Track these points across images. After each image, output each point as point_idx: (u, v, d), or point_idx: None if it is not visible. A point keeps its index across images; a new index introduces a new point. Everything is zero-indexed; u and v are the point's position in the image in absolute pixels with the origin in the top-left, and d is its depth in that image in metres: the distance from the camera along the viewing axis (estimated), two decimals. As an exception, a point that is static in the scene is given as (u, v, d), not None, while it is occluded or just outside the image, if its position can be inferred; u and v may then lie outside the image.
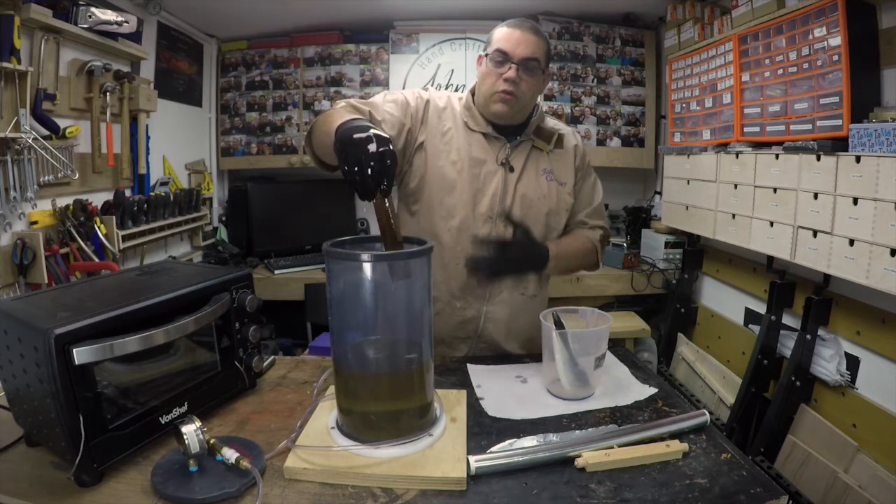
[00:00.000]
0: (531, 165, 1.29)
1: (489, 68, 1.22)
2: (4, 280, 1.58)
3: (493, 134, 1.27)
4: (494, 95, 1.21)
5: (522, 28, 1.21)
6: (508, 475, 0.80)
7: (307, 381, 1.14)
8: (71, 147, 1.80)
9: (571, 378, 1.04)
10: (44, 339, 0.71)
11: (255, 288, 1.07)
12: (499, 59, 1.20)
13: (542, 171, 1.30)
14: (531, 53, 1.19)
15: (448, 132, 1.27)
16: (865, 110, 1.52)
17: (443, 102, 1.30)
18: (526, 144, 1.30)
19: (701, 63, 2.24)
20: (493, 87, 1.21)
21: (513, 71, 1.18)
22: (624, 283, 2.64)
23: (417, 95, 1.28)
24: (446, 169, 1.24)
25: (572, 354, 1.02)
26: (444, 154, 1.25)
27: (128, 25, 1.96)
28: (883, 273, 1.38)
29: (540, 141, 1.30)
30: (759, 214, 1.88)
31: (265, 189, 2.97)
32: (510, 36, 1.20)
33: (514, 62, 1.19)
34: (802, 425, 1.75)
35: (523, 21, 1.23)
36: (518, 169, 1.27)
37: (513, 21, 1.23)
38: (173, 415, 0.89)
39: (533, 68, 1.21)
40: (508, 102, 1.22)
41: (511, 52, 1.19)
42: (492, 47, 1.22)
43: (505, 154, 1.27)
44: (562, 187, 1.31)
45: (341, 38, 2.98)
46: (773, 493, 0.76)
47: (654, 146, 2.97)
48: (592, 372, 1.05)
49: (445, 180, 1.24)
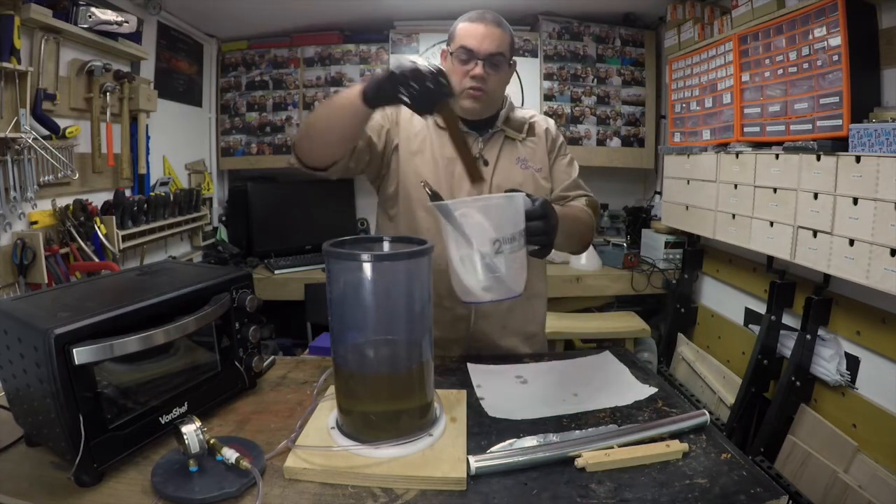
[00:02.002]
0: (505, 156, 1.28)
1: (455, 66, 1.20)
2: (4, 280, 1.58)
3: (464, 129, 1.25)
4: (463, 93, 1.20)
5: (485, 22, 1.19)
6: (508, 475, 0.80)
7: (307, 381, 1.14)
8: (71, 147, 1.80)
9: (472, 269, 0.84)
10: (44, 339, 0.71)
11: (255, 288, 1.07)
12: (464, 56, 1.18)
13: (517, 161, 1.29)
14: (497, 48, 1.18)
15: (419, 133, 1.26)
16: (865, 110, 1.52)
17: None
18: (498, 136, 1.29)
19: (701, 63, 2.24)
20: (460, 84, 1.19)
21: (479, 68, 1.17)
22: (624, 283, 2.64)
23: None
24: (421, 169, 1.24)
25: (460, 236, 0.85)
26: (417, 155, 1.25)
27: (128, 25, 1.96)
28: (883, 273, 1.38)
29: (511, 131, 1.29)
30: (759, 214, 1.88)
31: (265, 189, 2.97)
32: (474, 31, 1.18)
33: (480, 58, 1.17)
34: (802, 425, 1.75)
35: (485, 13, 1.21)
36: (492, 161, 1.27)
37: (474, 14, 1.21)
38: (173, 415, 0.89)
39: (499, 63, 1.20)
40: (478, 99, 1.21)
41: (476, 48, 1.17)
42: (455, 44, 1.20)
43: (478, 148, 1.26)
44: (538, 174, 1.30)
45: (341, 38, 2.98)
46: (773, 493, 0.76)
47: (654, 146, 2.97)
48: (496, 258, 0.85)
49: (414, 177, 1.23)
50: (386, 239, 0.97)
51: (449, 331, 1.29)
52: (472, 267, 0.85)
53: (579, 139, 2.93)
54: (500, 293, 0.87)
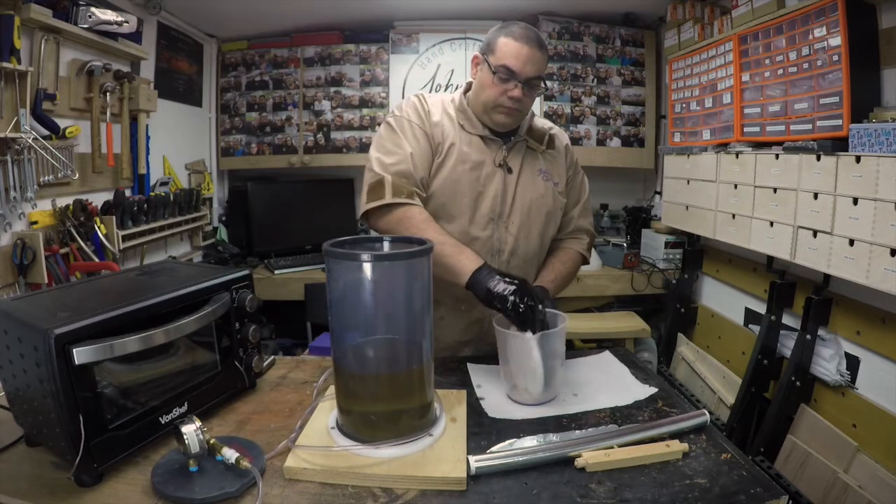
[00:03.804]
0: (527, 166, 1.29)
1: (493, 82, 1.19)
2: (4, 280, 1.58)
3: (490, 136, 1.27)
4: (498, 108, 1.21)
5: (530, 45, 1.17)
6: (508, 475, 0.80)
7: (307, 381, 1.14)
8: (71, 147, 1.80)
9: (542, 382, 1.00)
10: (44, 339, 0.71)
11: (255, 288, 1.07)
12: (505, 76, 1.18)
13: (539, 172, 1.30)
14: (537, 72, 1.19)
15: (447, 137, 1.26)
16: (865, 110, 1.52)
17: (437, 107, 1.28)
18: (521, 145, 1.30)
19: (701, 63, 2.24)
20: (496, 100, 1.20)
21: (518, 91, 1.18)
22: (624, 283, 2.64)
23: (417, 107, 1.27)
24: (449, 173, 1.24)
25: (544, 357, 0.99)
26: (446, 159, 1.25)
27: (128, 25, 1.96)
28: (883, 273, 1.38)
29: (533, 142, 1.31)
30: (759, 214, 1.88)
31: (265, 189, 2.97)
32: (518, 52, 1.16)
33: (520, 81, 1.17)
34: (802, 425, 1.75)
35: (529, 33, 1.19)
36: (516, 170, 1.27)
37: (520, 33, 1.18)
38: (173, 415, 0.89)
39: (537, 86, 1.21)
40: (512, 115, 1.22)
41: (519, 71, 1.17)
42: (497, 61, 1.18)
43: (502, 155, 1.27)
44: (555, 187, 1.32)
45: (341, 38, 2.98)
46: (773, 493, 0.76)
47: (654, 146, 2.97)
48: (558, 372, 1.04)
49: (449, 185, 1.24)
50: (386, 239, 0.98)
51: (463, 333, 1.31)
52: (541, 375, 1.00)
53: (579, 139, 2.93)
54: (549, 396, 1.05)
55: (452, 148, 1.25)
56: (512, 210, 1.26)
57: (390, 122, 1.26)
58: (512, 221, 1.27)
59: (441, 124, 1.26)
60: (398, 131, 1.24)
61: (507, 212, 1.26)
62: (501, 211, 1.26)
